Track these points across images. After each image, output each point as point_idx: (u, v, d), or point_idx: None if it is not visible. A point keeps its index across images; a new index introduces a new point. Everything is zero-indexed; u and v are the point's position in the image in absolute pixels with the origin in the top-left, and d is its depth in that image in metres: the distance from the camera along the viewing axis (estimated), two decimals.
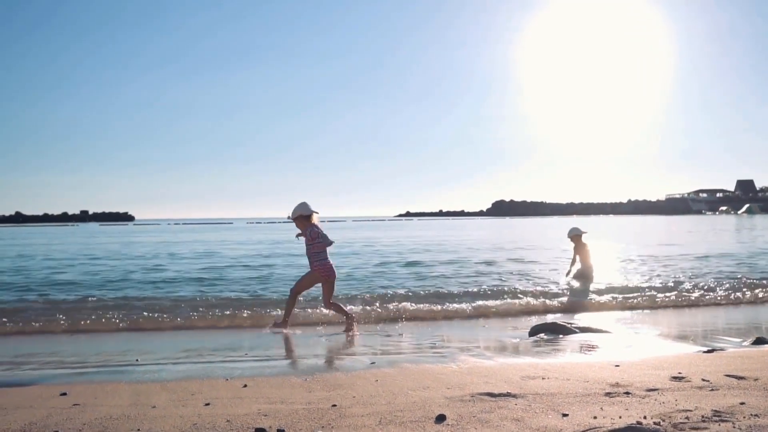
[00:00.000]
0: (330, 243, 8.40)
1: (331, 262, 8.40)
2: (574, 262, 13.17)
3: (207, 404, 4.39)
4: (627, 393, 4.36)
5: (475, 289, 11.41)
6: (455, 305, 9.43)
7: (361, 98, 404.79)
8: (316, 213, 8.42)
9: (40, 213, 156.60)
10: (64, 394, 4.84)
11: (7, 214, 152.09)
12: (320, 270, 8.32)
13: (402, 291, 11.12)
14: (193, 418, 4.00)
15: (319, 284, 8.48)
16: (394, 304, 9.38)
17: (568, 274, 13.24)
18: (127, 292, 11.66)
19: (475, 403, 4.19)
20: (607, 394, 4.35)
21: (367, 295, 10.27)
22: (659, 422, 3.58)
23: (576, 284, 12.60)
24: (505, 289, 11.50)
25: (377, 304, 9.38)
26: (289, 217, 8.40)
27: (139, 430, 3.77)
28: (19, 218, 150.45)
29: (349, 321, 8.39)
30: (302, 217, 8.37)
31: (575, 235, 13.09)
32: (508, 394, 4.41)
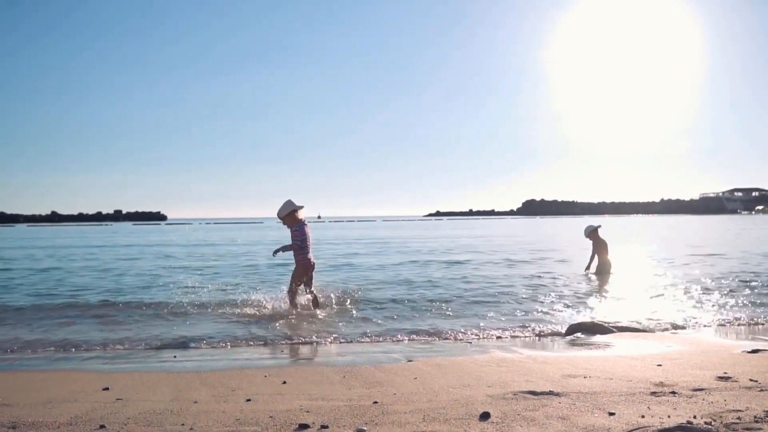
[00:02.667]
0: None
1: (311, 255, 9.29)
2: (593, 257, 13.50)
3: (248, 400, 4.41)
4: (673, 392, 4.27)
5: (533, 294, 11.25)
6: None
7: (391, 97, 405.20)
8: (302, 207, 9.24)
9: (75, 213, 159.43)
10: (107, 388, 4.89)
11: (43, 213, 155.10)
12: (306, 263, 9.16)
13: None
14: (236, 413, 4.01)
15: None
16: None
17: (587, 269, 13.59)
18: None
19: (519, 401, 4.14)
20: (653, 394, 4.27)
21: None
22: (710, 422, 3.50)
23: (595, 280, 12.68)
24: (542, 295, 11.36)
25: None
26: (278, 218, 9.21)
27: (183, 424, 3.79)
28: (54, 217, 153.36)
29: (315, 304, 9.21)
30: (292, 213, 9.14)
31: (592, 231, 13.37)
32: (550, 393, 4.35)
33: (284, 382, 5.03)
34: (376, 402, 4.23)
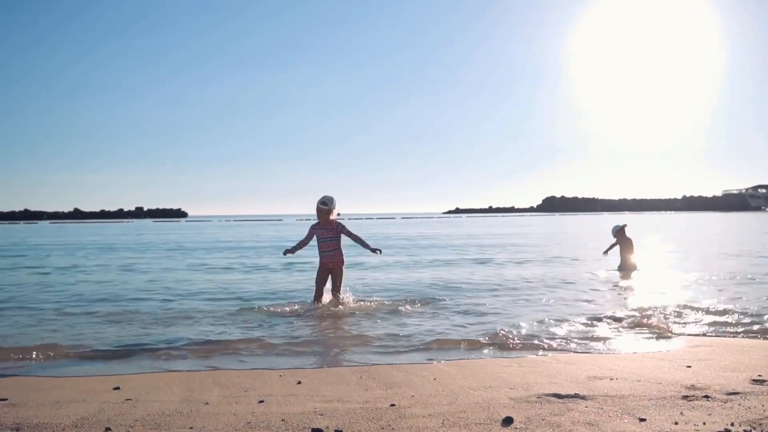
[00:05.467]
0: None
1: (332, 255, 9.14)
2: (612, 246, 13.78)
3: (261, 401, 4.24)
4: (706, 396, 4.05)
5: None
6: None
7: (410, 95, 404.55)
8: (324, 206, 9.01)
9: (98, 209, 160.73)
10: (117, 388, 4.76)
11: (66, 210, 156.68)
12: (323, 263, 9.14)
13: None
14: (247, 416, 3.85)
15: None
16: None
17: (605, 252, 14.02)
18: None
19: (543, 405, 3.94)
20: (685, 398, 4.05)
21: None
22: (750, 430, 3.28)
23: (619, 278, 12.57)
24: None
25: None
26: (324, 204, 8.93)
27: (192, 428, 3.63)
28: (77, 214, 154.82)
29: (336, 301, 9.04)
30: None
31: (618, 231, 13.52)
32: (576, 396, 4.16)
33: (299, 383, 4.87)
34: (393, 405, 4.05)
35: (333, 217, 9.05)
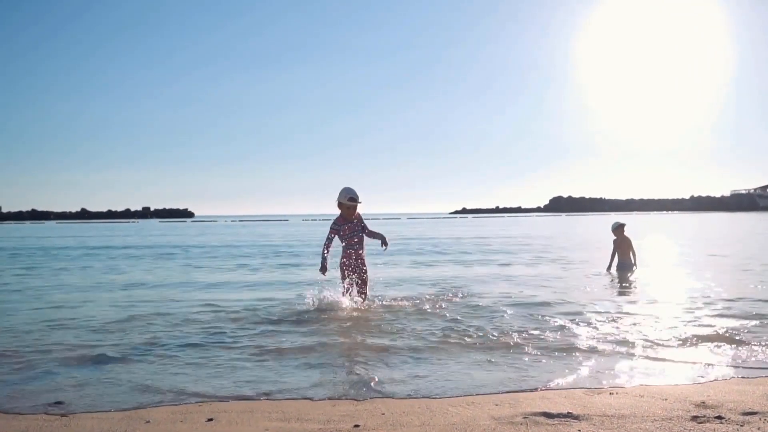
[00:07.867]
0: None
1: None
2: (614, 255, 13.11)
3: (210, 420, 3.73)
4: (719, 417, 3.52)
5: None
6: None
7: (418, 94, 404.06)
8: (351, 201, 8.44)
9: (104, 210, 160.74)
10: (60, 402, 4.27)
11: (73, 210, 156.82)
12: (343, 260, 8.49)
13: None
14: None
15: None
16: None
17: (608, 269, 13.06)
18: None
19: (529, 428, 3.41)
20: (694, 418, 3.52)
21: None
22: None
23: (615, 279, 12.02)
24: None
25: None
26: (353, 200, 8.43)
27: None
28: (84, 214, 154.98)
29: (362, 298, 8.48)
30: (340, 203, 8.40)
31: (617, 228, 13.08)
32: (568, 415, 3.63)
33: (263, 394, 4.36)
34: (357, 425, 3.52)
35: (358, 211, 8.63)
